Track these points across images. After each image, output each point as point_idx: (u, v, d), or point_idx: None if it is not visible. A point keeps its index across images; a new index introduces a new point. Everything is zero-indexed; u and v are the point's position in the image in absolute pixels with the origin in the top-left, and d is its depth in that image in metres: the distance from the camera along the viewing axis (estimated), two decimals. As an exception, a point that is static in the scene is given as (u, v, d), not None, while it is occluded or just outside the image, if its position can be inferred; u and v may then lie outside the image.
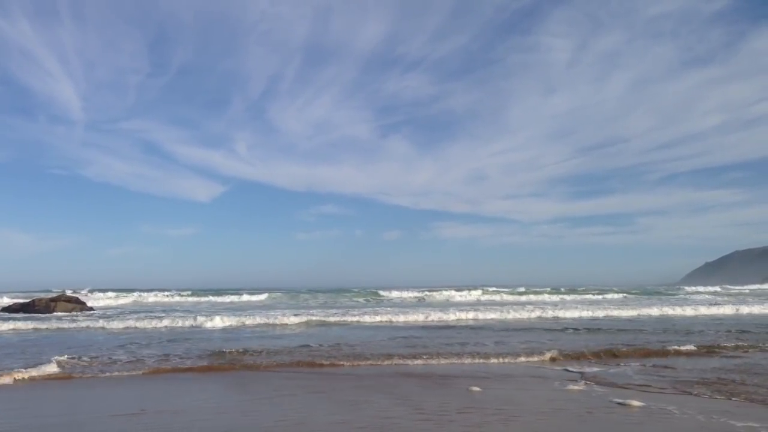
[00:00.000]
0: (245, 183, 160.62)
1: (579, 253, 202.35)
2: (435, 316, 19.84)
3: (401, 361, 10.35)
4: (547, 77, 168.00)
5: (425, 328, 17.37)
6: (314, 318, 19.54)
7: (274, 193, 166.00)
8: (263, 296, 39.01)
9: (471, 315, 21.08)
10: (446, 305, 29.70)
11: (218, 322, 17.96)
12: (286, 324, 18.32)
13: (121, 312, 25.19)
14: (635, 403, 6.57)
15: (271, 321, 18.71)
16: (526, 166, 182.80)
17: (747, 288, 57.00)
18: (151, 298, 37.91)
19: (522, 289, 45.55)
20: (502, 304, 31.55)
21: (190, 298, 37.80)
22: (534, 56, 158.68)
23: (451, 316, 20.26)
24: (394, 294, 42.06)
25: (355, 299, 37.52)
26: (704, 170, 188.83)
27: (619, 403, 6.64)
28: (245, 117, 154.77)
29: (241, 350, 11.47)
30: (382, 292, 43.23)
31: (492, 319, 20.58)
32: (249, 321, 18.55)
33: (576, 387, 7.77)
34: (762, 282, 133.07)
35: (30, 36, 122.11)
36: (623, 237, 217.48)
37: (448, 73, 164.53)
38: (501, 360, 10.54)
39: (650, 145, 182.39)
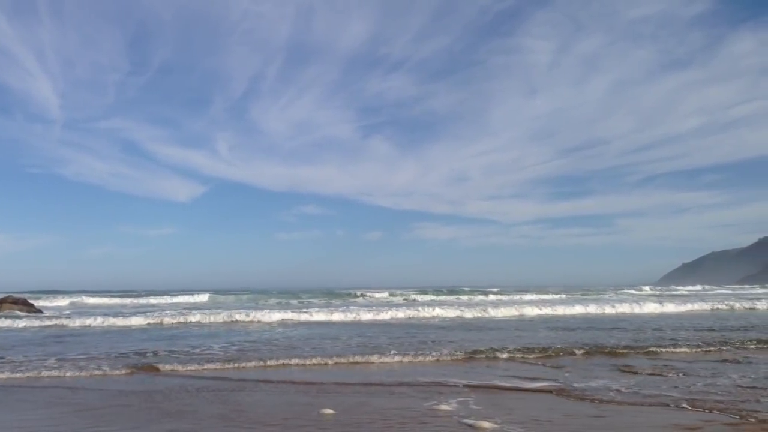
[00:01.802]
0: (226, 183, 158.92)
1: (559, 253, 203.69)
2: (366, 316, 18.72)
3: (263, 364, 9.03)
4: (528, 79, 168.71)
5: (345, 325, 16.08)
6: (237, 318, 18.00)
7: (256, 193, 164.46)
8: (205, 297, 37.42)
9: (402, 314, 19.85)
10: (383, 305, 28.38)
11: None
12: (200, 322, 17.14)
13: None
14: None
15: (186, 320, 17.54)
16: (507, 167, 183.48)
17: (725, 289, 56.55)
18: (91, 300, 36.27)
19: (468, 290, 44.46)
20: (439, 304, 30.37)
21: (141, 299, 36.31)
22: (516, 58, 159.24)
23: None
24: (368, 295, 40.79)
25: (310, 300, 35.99)
26: (682, 172, 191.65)
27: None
28: (227, 117, 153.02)
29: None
30: (360, 292, 42.03)
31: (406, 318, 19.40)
32: (167, 320, 17.45)
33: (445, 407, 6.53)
34: (737, 283, 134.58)
35: (8, 34, 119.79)
36: (602, 238, 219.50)
37: (431, 74, 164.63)
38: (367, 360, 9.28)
39: (630, 147, 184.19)
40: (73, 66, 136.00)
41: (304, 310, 20.17)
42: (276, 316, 18.18)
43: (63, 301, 34.58)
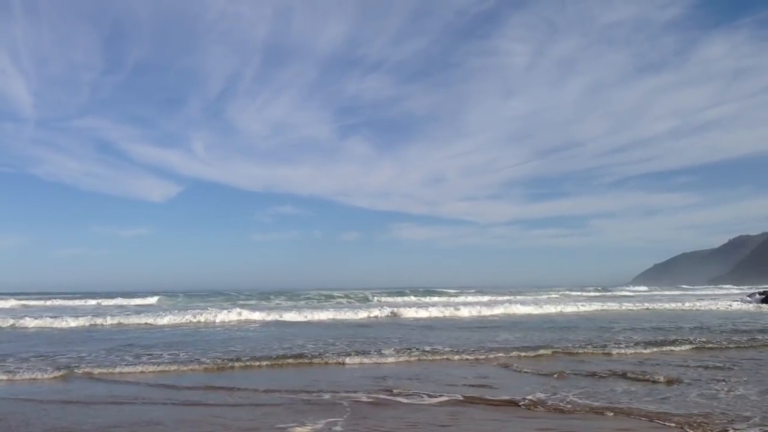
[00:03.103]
0: (202, 183, 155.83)
1: (534, 254, 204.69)
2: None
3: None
4: (505, 81, 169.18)
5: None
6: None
7: (231, 193, 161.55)
8: (154, 299, 35.47)
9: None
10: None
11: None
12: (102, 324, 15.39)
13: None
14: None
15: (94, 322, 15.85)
16: (483, 168, 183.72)
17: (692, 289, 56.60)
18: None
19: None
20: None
21: (92, 300, 34.34)
22: (493, 60, 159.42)
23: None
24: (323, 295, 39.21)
25: (275, 300, 34.33)
26: (655, 174, 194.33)
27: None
28: (203, 116, 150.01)
29: None
30: (336, 293, 40.41)
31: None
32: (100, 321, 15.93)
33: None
34: (707, 283, 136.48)
35: None
36: (576, 239, 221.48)
37: (408, 75, 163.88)
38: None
39: (604, 149, 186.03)
40: (48, 64, 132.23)
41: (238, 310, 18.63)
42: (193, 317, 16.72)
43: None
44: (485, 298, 35.29)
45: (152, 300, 34.82)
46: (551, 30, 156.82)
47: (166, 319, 16.16)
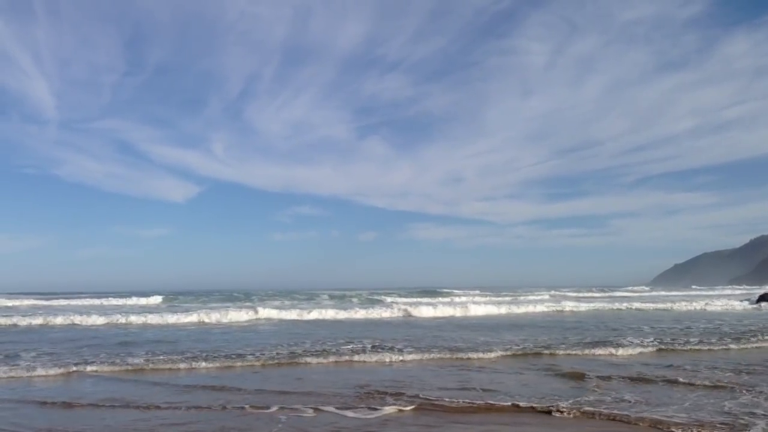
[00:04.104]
0: (221, 183, 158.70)
1: (553, 254, 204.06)
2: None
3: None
4: (524, 80, 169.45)
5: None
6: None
7: (251, 193, 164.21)
8: (159, 299, 37.51)
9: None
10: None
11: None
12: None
13: None
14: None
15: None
16: (502, 168, 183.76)
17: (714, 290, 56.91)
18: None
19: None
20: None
21: (87, 301, 36.17)
22: (511, 59, 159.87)
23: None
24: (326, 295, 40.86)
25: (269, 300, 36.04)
26: (676, 173, 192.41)
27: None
28: (222, 117, 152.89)
29: None
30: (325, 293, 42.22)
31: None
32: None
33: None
34: (728, 284, 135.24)
35: (4, 33, 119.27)
36: (596, 239, 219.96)
37: (427, 75, 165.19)
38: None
39: (624, 148, 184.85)
40: (70, 66, 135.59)
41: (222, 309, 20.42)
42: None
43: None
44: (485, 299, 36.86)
45: (156, 300, 36.69)
46: (570, 28, 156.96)
47: (192, 317, 18.47)
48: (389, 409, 6.15)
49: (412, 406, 6.29)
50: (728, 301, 28.99)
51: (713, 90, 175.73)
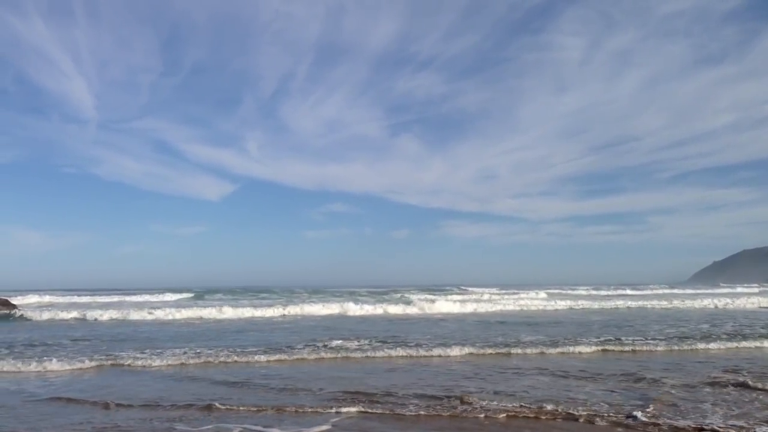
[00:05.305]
0: (255, 182, 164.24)
1: (589, 251, 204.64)
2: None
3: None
4: (558, 76, 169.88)
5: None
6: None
7: (284, 191, 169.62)
8: (184, 295, 40.67)
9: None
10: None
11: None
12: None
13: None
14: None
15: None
16: (536, 164, 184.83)
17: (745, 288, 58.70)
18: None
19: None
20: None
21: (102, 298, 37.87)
22: (546, 55, 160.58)
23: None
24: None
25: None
26: (715, 169, 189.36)
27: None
28: (256, 116, 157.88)
29: None
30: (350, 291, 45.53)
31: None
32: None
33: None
34: (765, 281, 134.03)
35: (44, 35, 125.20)
36: (633, 236, 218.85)
37: (460, 71, 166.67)
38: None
39: (661, 143, 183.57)
40: (108, 67, 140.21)
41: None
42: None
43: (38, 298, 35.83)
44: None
45: (187, 295, 40.02)
46: (607, 23, 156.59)
47: (239, 311, 22.33)
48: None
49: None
50: (748, 299, 32.08)
51: (754, 84, 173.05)
